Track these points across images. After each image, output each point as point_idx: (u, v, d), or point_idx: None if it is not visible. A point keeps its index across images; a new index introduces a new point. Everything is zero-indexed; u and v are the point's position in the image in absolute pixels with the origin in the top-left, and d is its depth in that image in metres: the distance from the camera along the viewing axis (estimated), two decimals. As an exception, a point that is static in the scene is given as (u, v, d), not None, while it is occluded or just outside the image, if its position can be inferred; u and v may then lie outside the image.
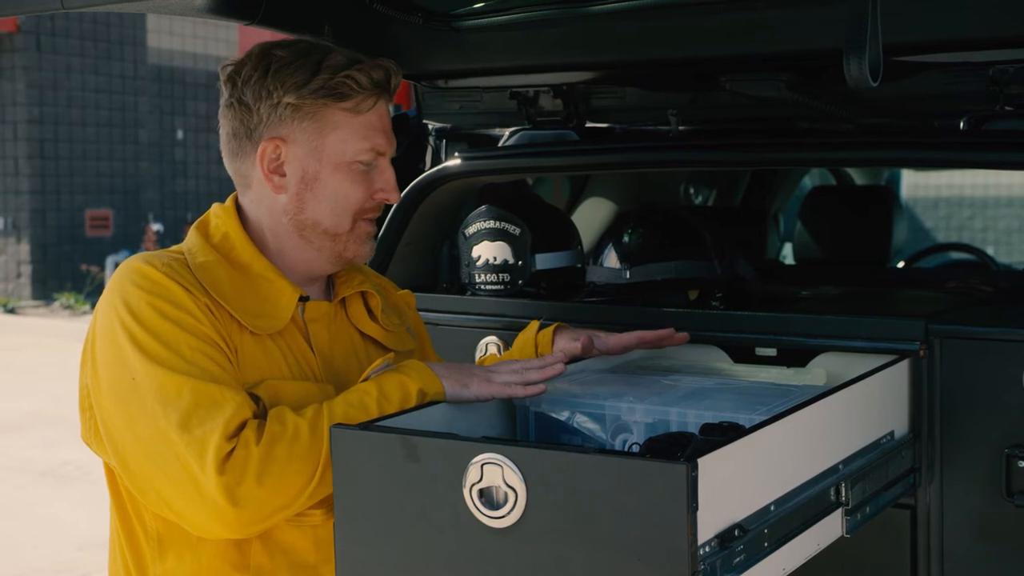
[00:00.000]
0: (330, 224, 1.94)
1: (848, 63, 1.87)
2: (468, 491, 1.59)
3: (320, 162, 1.92)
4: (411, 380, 1.84)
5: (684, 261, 2.61)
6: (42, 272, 14.69)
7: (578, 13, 2.49)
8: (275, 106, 1.90)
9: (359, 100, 1.91)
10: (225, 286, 1.88)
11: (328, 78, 1.89)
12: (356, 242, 1.97)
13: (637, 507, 1.49)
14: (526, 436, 2.04)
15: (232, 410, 1.74)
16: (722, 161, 2.76)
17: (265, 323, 1.89)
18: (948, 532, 2.17)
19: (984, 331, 2.15)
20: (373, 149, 1.94)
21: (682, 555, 1.47)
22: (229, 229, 1.96)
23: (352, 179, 1.93)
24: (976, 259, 5.38)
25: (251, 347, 1.88)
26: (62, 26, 14.71)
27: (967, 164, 2.65)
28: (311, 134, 1.91)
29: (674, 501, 1.47)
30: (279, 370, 1.90)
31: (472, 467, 1.57)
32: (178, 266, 1.87)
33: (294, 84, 1.89)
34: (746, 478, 1.64)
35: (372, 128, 1.94)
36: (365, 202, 1.95)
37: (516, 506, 1.56)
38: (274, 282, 1.93)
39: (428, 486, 1.62)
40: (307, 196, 1.93)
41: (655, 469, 1.49)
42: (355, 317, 2.06)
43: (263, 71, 1.90)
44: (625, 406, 1.98)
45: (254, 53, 1.94)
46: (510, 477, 1.56)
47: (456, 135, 3.14)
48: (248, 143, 1.93)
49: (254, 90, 1.91)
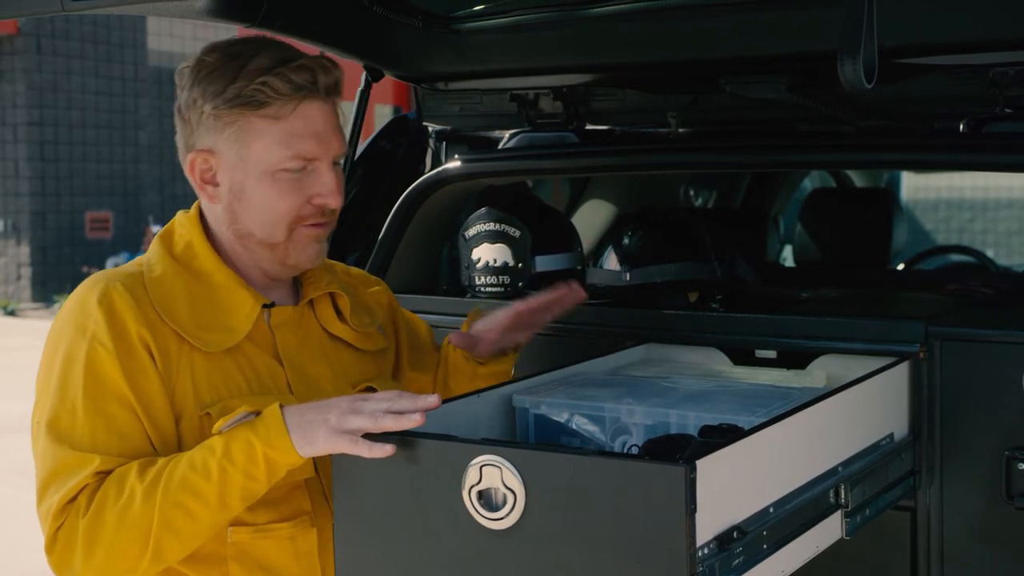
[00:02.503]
0: (263, 235, 1.89)
1: (843, 65, 1.87)
2: (467, 493, 1.58)
3: (246, 172, 1.86)
4: (258, 440, 1.70)
5: (684, 263, 2.61)
6: (42, 274, 14.68)
7: (578, 15, 2.49)
8: (200, 115, 1.86)
9: (278, 106, 1.83)
10: (178, 302, 1.85)
11: (244, 85, 1.82)
12: (297, 250, 1.90)
13: (636, 509, 1.49)
14: (526, 438, 2.04)
15: (77, 479, 1.71)
16: (722, 163, 2.76)
17: (218, 338, 1.85)
18: (948, 534, 2.17)
19: (984, 333, 2.15)
20: (299, 156, 1.86)
21: (681, 557, 1.47)
22: (192, 237, 1.92)
23: (279, 188, 1.86)
24: (976, 261, 5.38)
25: (204, 365, 1.84)
26: (62, 28, 14.71)
27: (967, 166, 2.65)
28: (235, 144, 1.85)
29: (673, 503, 1.46)
30: (236, 387, 1.85)
31: (471, 469, 1.57)
32: (127, 291, 1.82)
33: (212, 93, 1.84)
34: (745, 480, 1.65)
35: (296, 134, 1.85)
36: (300, 209, 1.88)
37: (515, 508, 1.56)
38: (235, 292, 1.89)
39: (427, 488, 1.62)
40: (237, 207, 1.88)
41: (654, 471, 1.50)
42: (324, 318, 2.01)
43: (192, 79, 1.87)
44: (625, 408, 1.98)
45: (195, 57, 1.90)
46: (509, 479, 1.56)
47: (456, 137, 3.14)
48: (186, 152, 1.91)
49: (184, 99, 1.88)
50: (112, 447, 1.75)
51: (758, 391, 2.11)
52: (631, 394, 2.06)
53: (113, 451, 1.75)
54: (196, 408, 1.81)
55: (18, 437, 7.80)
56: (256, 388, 1.87)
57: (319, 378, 1.95)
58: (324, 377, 1.96)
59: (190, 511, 1.69)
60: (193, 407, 1.81)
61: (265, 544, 1.84)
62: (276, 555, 1.85)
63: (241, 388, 1.86)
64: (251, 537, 1.83)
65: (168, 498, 1.68)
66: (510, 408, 2.05)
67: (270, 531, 1.85)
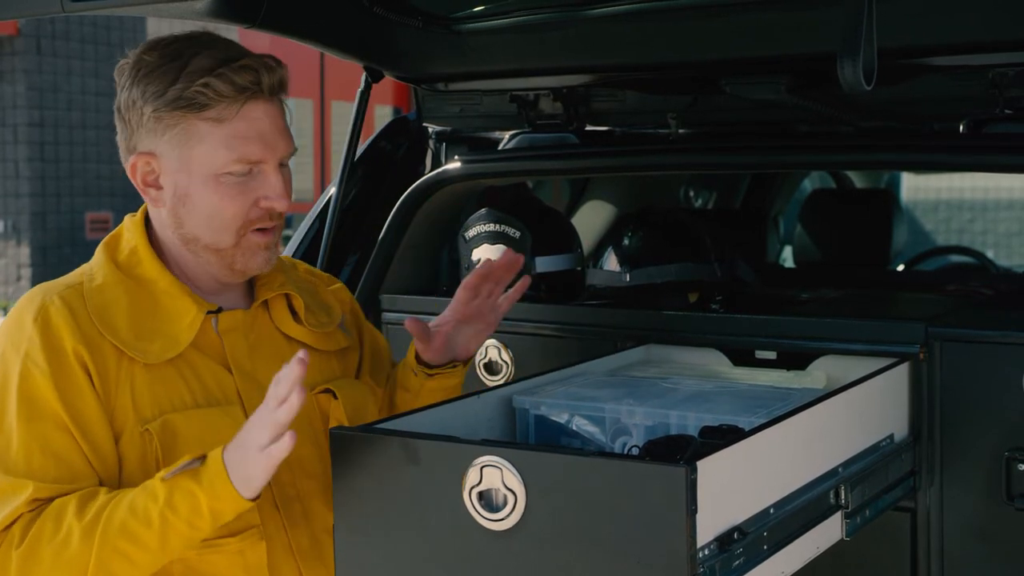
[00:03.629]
0: (210, 240, 1.83)
1: (842, 66, 1.87)
2: (467, 494, 1.59)
3: (190, 176, 1.80)
4: (202, 492, 1.65)
5: (684, 264, 2.61)
6: (42, 275, 14.66)
7: (578, 16, 2.49)
8: (140, 117, 1.79)
9: (221, 108, 1.77)
10: (118, 313, 1.79)
11: (185, 87, 1.76)
12: (245, 255, 1.85)
13: (636, 510, 1.49)
14: (526, 439, 2.04)
15: (11, 507, 1.67)
16: (722, 164, 2.76)
17: (158, 348, 1.79)
18: (948, 535, 2.17)
19: (984, 334, 2.15)
20: (244, 159, 1.80)
21: (681, 558, 1.48)
22: (136, 243, 1.87)
23: (223, 193, 1.80)
24: (976, 262, 5.37)
25: (145, 378, 1.78)
26: (62, 29, 14.70)
27: (967, 167, 2.65)
28: (177, 147, 1.79)
29: (673, 504, 1.47)
30: (180, 399, 1.80)
31: (472, 469, 1.58)
32: (64, 306, 1.77)
33: (153, 94, 1.77)
34: (745, 481, 1.65)
35: (239, 137, 1.79)
36: (248, 213, 1.82)
37: (515, 509, 1.57)
38: (177, 299, 1.83)
39: (428, 488, 1.63)
40: (182, 211, 1.82)
41: (654, 472, 1.51)
42: (279, 320, 1.95)
43: (132, 77, 1.80)
44: (625, 409, 1.98)
45: (133, 55, 1.83)
46: (509, 480, 1.56)
47: (456, 138, 3.14)
48: (127, 154, 1.85)
49: (123, 100, 1.81)
50: (48, 471, 1.70)
51: (758, 392, 2.11)
52: (631, 395, 2.06)
53: (49, 476, 1.70)
54: (136, 424, 1.76)
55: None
56: (201, 399, 1.82)
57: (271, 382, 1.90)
58: None
59: (128, 556, 1.66)
60: (133, 423, 1.76)
61: (214, 559, 1.80)
62: (225, 570, 1.81)
63: (185, 400, 1.80)
64: (199, 553, 1.78)
65: (107, 541, 1.65)
66: (510, 409, 2.05)
67: (219, 546, 1.79)
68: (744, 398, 2.05)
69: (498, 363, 2.57)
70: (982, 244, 11.87)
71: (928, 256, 5.57)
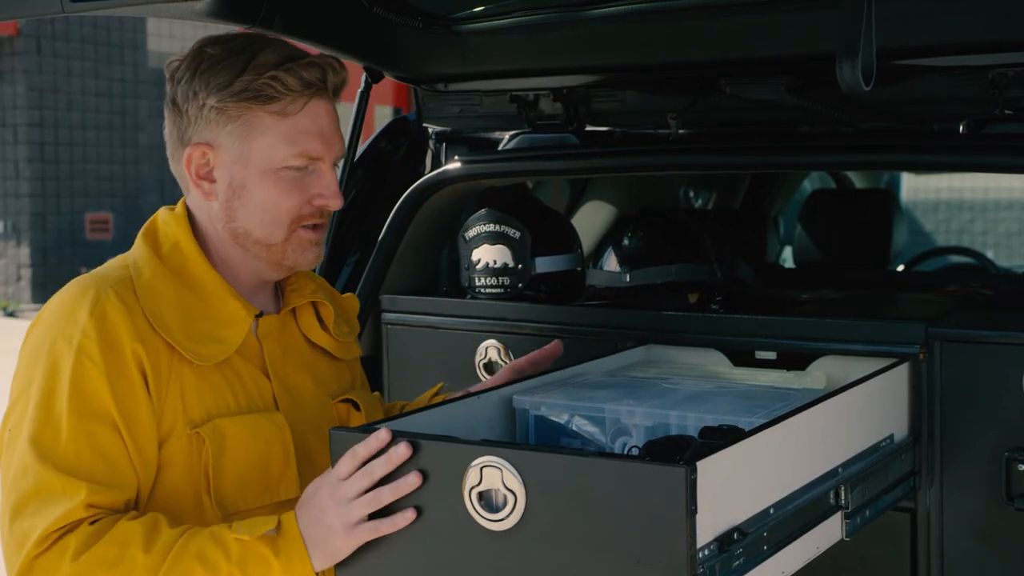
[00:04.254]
0: (262, 234, 1.83)
1: (841, 67, 1.87)
2: (467, 494, 1.58)
3: (247, 169, 1.80)
4: (278, 562, 1.65)
5: (684, 264, 2.61)
6: (42, 275, 14.68)
7: (578, 17, 2.49)
8: (201, 108, 1.79)
9: (287, 102, 1.79)
10: (170, 311, 1.77)
11: (252, 79, 1.77)
12: (295, 251, 1.85)
13: (636, 510, 1.49)
14: (526, 439, 2.04)
15: (64, 509, 1.63)
16: (722, 164, 2.76)
17: (211, 351, 1.78)
18: (948, 535, 2.17)
19: (984, 334, 2.15)
20: (304, 154, 1.81)
21: (681, 558, 1.48)
22: (179, 239, 1.85)
23: (281, 187, 1.81)
24: (976, 262, 5.38)
25: (193, 380, 1.77)
26: (62, 29, 14.71)
27: (967, 167, 2.65)
28: (237, 139, 1.79)
29: (673, 504, 1.47)
30: (225, 403, 1.80)
31: (472, 470, 1.57)
32: (119, 301, 1.74)
33: (217, 85, 1.77)
34: (745, 481, 1.65)
35: (303, 132, 1.80)
36: (301, 209, 1.83)
37: (515, 509, 1.56)
38: (226, 302, 1.82)
39: (428, 488, 1.62)
40: (236, 204, 1.82)
41: (654, 472, 1.50)
42: (306, 327, 1.97)
43: (192, 70, 1.80)
44: (625, 409, 1.98)
45: (192, 50, 1.84)
46: (509, 480, 1.56)
47: (456, 138, 3.14)
48: (179, 145, 1.83)
49: (183, 91, 1.80)
50: (96, 471, 1.68)
51: (758, 392, 2.11)
52: (631, 395, 2.06)
53: (97, 476, 1.67)
54: (185, 426, 1.75)
55: (18, 438, 7.78)
56: (244, 404, 1.82)
57: (301, 389, 1.92)
58: (306, 388, 1.93)
59: None
60: (182, 425, 1.75)
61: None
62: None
63: (229, 405, 1.80)
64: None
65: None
66: (510, 409, 2.05)
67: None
68: (744, 398, 2.04)
69: (498, 364, 2.58)
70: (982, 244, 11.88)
71: (928, 256, 5.58)
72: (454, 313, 2.68)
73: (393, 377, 2.71)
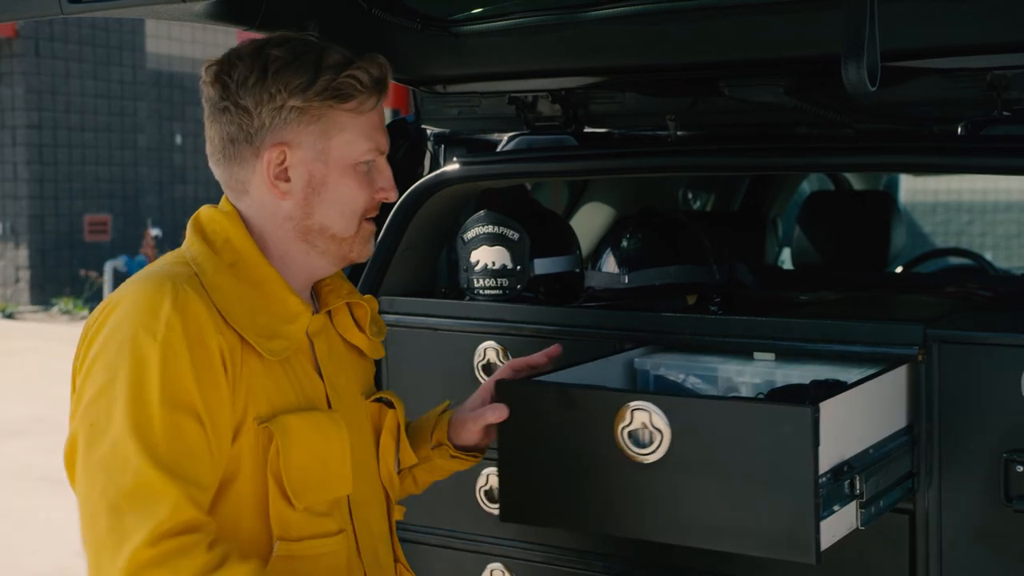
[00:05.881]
0: (339, 228, 1.89)
1: (846, 68, 1.88)
2: (619, 432, 1.91)
3: (327, 165, 1.86)
4: None
5: (683, 266, 2.61)
6: (41, 277, 14.68)
7: (576, 18, 2.49)
8: (278, 110, 1.82)
9: (362, 100, 1.86)
10: (239, 308, 1.80)
11: (331, 78, 1.82)
12: (361, 243, 1.93)
13: (768, 444, 1.81)
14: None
15: (167, 511, 1.63)
16: (720, 166, 2.76)
17: (278, 345, 1.82)
18: (947, 537, 2.17)
19: (982, 336, 2.15)
20: (376, 148, 1.90)
21: (807, 484, 1.79)
22: (232, 236, 1.87)
23: (359, 181, 1.89)
24: (974, 264, 5.38)
25: (260, 374, 1.80)
26: (61, 31, 14.71)
27: (965, 169, 2.65)
28: (317, 137, 1.84)
29: (801, 438, 1.78)
30: (286, 399, 1.83)
31: (623, 411, 1.90)
32: (197, 295, 1.75)
33: (298, 86, 1.81)
34: (852, 424, 1.96)
35: (375, 127, 1.90)
36: (369, 202, 1.91)
37: (661, 445, 1.89)
38: (287, 298, 1.86)
39: (583, 429, 1.95)
40: (315, 201, 1.87)
41: (785, 412, 1.83)
42: (342, 327, 2.02)
43: (261, 72, 1.82)
44: (735, 368, 2.27)
45: (244, 52, 1.85)
46: (656, 421, 1.88)
47: (455, 140, 3.14)
48: (248, 148, 1.84)
49: (254, 94, 1.82)
50: (188, 468, 1.68)
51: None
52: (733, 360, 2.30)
53: (189, 473, 1.67)
54: (253, 420, 1.78)
55: (17, 441, 7.78)
56: (303, 401, 1.86)
57: (343, 389, 1.96)
58: (346, 387, 1.97)
59: None
60: (251, 419, 1.78)
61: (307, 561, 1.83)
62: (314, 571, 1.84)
63: (290, 400, 1.83)
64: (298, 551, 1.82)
65: None
66: (632, 370, 2.35)
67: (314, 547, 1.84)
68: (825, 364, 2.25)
69: (497, 365, 2.57)
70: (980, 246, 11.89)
71: (926, 258, 5.58)
72: (453, 315, 2.68)
73: (392, 379, 2.71)
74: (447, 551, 2.68)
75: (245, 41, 1.89)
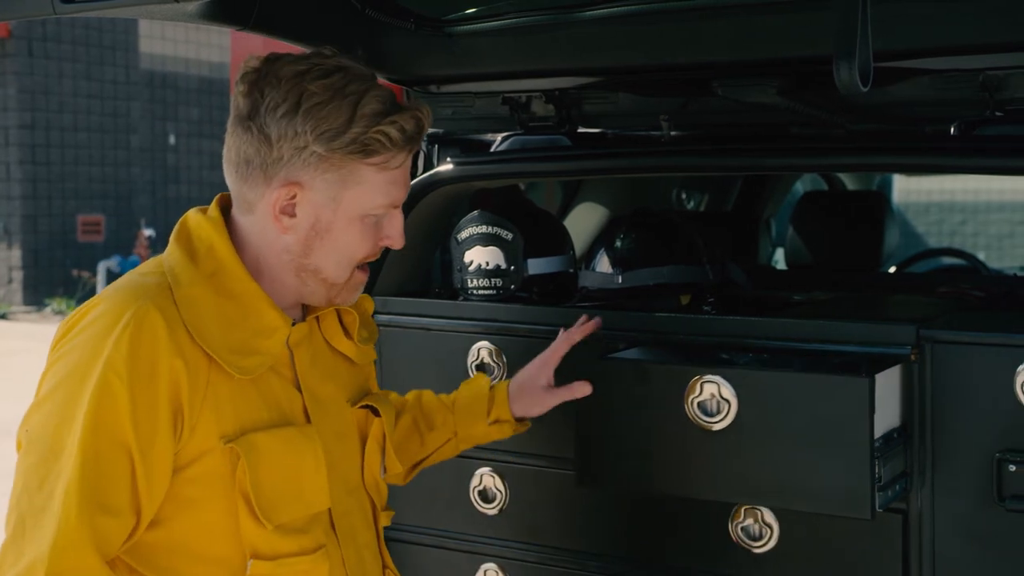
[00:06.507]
0: (331, 274, 1.84)
1: (838, 68, 1.88)
2: (689, 403, 2.10)
3: (335, 213, 1.80)
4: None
5: (676, 266, 2.61)
6: (34, 277, 14.65)
7: (570, 19, 2.50)
8: (300, 150, 1.75)
9: (388, 156, 1.79)
10: (210, 321, 1.74)
11: (362, 132, 1.75)
12: (349, 291, 1.89)
13: (828, 411, 2.02)
14: None
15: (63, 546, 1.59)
16: (714, 166, 2.77)
17: (251, 363, 1.76)
18: (940, 536, 2.17)
19: (975, 336, 2.16)
20: (392, 204, 1.85)
21: (864, 447, 1.99)
22: (216, 244, 1.81)
23: (364, 231, 1.83)
24: (967, 264, 5.39)
25: (228, 392, 1.75)
26: (54, 31, 14.69)
27: (958, 169, 2.66)
28: (332, 184, 1.78)
29: (859, 405, 1.99)
30: (257, 416, 1.78)
31: (694, 384, 2.09)
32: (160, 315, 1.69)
33: (327, 134, 1.74)
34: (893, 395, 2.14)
35: (395, 182, 1.83)
36: (370, 250, 1.87)
37: (729, 414, 2.08)
38: (265, 312, 1.80)
39: (656, 400, 2.15)
40: (315, 243, 1.81)
41: (844, 382, 2.02)
42: (329, 333, 1.97)
43: (293, 106, 1.74)
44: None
45: (283, 77, 1.76)
46: (725, 392, 2.08)
47: (448, 140, 3.14)
48: (261, 175, 1.78)
49: (280, 125, 1.75)
50: (103, 498, 1.64)
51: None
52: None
53: (104, 503, 1.64)
54: (219, 439, 1.73)
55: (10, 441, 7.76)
56: (276, 417, 1.81)
57: (327, 398, 1.92)
58: (330, 396, 1.93)
59: None
60: (216, 438, 1.73)
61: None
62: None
63: (262, 418, 1.78)
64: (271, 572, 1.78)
65: None
66: None
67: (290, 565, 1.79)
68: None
69: (491, 365, 2.58)
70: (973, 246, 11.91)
71: (920, 258, 5.59)
72: (447, 315, 2.68)
73: (386, 379, 2.71)
74: (441, 551, 2.68)
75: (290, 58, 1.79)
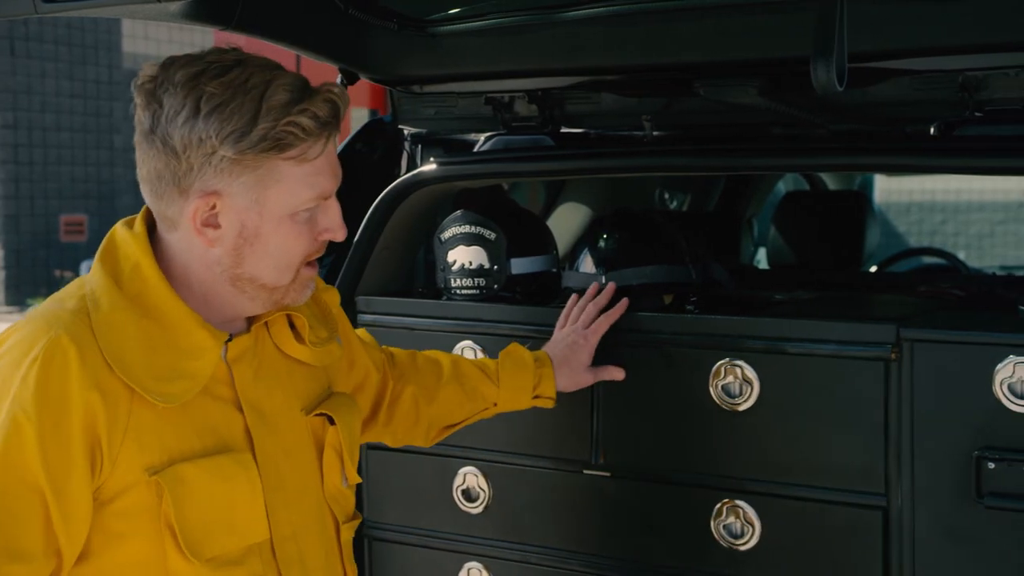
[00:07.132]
0: (270, 279, 1.72)
1: (815, 68, 1.89)
2: (712, 385, 2.26)
3: (261, 216, 1.67)
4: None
5: (659, 266, 2.62)
6: (16, 277, 14.57)
7: (553, 19, 2.50)
8: (209, 156, 1.62)
9: (305, 147, 1.67)
10: (131, 348, 1.63)
11: (271, 126, 1.62)
12: (296, 291, 1.76)
13: (845, 393, 2.17)
14: None
15: None
16: (696, 166, 2.78)
17: (177, 389, 1.64)
18: (919, 534, 2.18)
19: (955, 335, 2.17)
20: (321, 195, 1.72)
21: (879, 427, 2.15)
22: (140, 261, 1.69)
23: (297, 230, 1.71)
24: (947, 263, 5.42)
25: (152, 421, 1.63)
26: (36, 31, 14.61)
27: (939, 169, 2.67)
28: (251, 187, 1.65)
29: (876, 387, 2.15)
30: (186, 445, 1.66)
31: (719, 367, 2.27)
32: (73, 345, 1.59)
33: (233, 135, 1.61)
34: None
35: (319, 172, 1.70)
36: (310, 247, 1.74)
37: (751, 395, 2.23)
38: (193, 333, 1.68)
39: (680, 382, 2.30)
40: (246, 251, 1.69)
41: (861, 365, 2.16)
42: (279, 339, 1.83)
43: (193, 111, 1.61)
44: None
45: (179, 81, 1.63)
46: (747, 375, 2.23)
47: (431, 140, 3.14)
48: (175, 190, 1.66)
49: (183, 134, 1.62)
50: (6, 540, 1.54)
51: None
52: None
53: (1, 540, 1.54)
54: (143, 472, 1.62)
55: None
56: (211, 444, 1.69)
57: (275, 412, 1.79)
58: (279, 410, 1.80)
59: None
60: (140, 471, 1.62)
61: None
62: None
63: (192, 447, 1.66)
64: None
65: None
66: None
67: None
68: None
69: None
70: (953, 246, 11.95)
71: (900, 258, 5.62)
72: (430, 315, 2.68)
73: (369, 378, 2.71)
74: (424, 550, 2.68)
75: (184, 59, 1.67)
